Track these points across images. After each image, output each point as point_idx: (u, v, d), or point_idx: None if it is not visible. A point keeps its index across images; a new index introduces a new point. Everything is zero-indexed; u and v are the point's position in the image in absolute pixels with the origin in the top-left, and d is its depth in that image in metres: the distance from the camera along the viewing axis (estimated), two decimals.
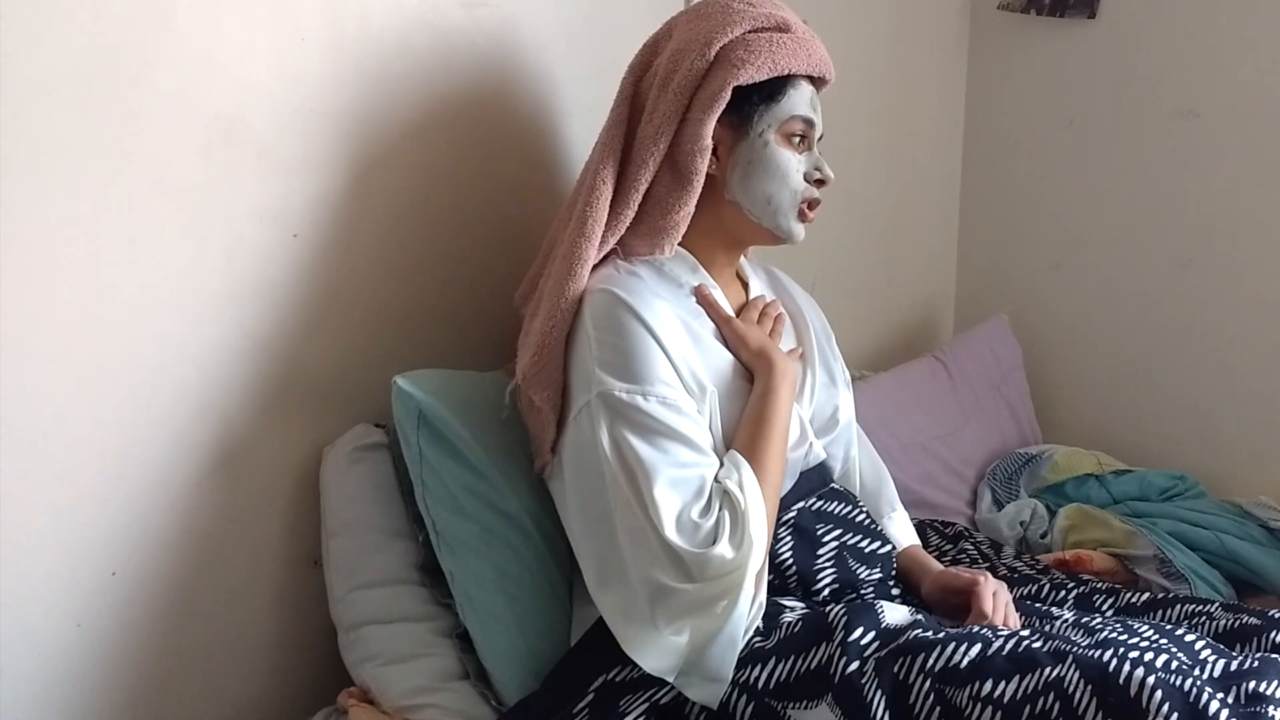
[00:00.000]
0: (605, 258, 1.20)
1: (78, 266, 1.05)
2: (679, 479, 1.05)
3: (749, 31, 1.17)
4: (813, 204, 1.23)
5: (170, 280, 1.11)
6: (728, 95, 1.15)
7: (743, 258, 1.35)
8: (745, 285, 1.32)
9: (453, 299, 1.37)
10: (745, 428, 1.13)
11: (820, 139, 1.25)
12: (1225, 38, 1.89)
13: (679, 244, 1.23)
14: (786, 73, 1.18)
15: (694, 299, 1.21)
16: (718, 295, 1.23)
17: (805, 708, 0.97)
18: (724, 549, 1.01)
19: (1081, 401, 2.13)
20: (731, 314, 1.22)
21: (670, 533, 1.02)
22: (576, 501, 1.11)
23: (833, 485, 1.25)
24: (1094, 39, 2.03)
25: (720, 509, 1.05)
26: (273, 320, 1.20)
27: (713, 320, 1.21)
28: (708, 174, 1.18)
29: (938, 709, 0.94)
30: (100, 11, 1.03)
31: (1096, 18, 2.01)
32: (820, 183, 1.22)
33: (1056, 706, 0.90)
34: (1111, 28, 2.01)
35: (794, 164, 1.20)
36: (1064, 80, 2.08)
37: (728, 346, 1.19)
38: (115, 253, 1.07)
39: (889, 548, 1.24)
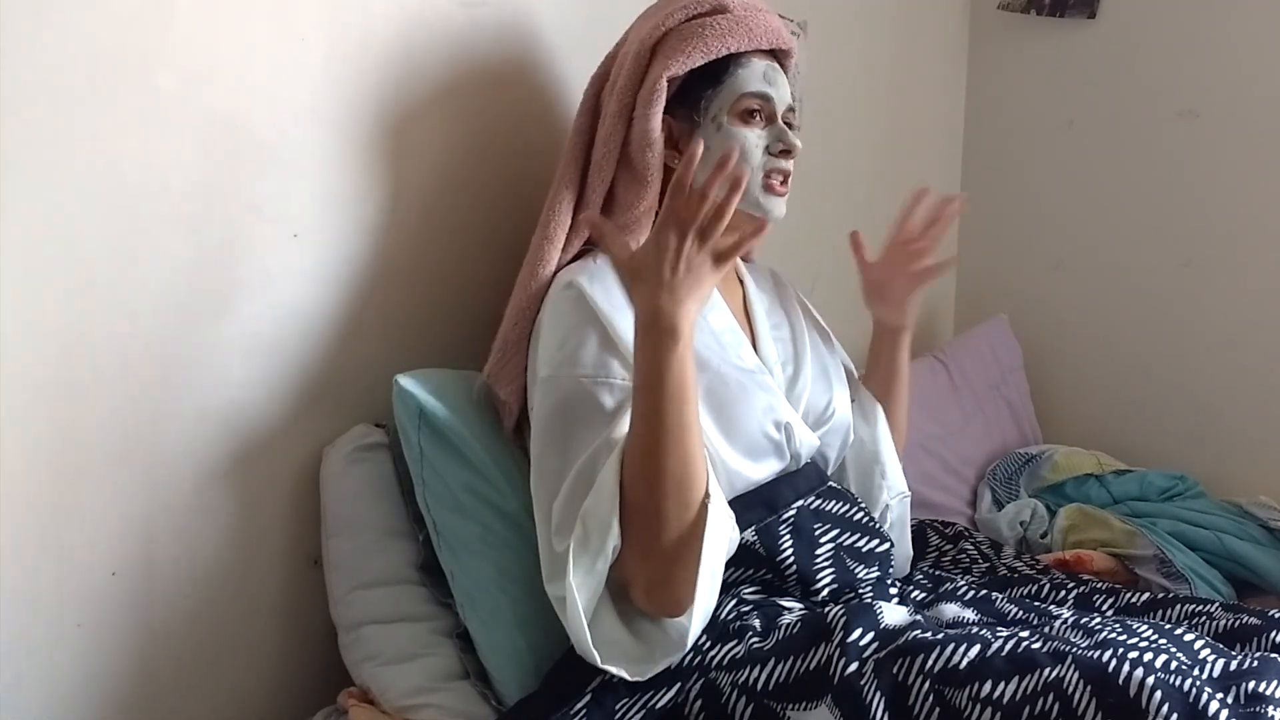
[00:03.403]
0: (583, 253, 1.23)
1: (78, 266, 1.05)
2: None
3: (683, 21, 1.18)
4: (783, 177, 1.21)
5: (170, 280, 1.11)
6: (664, 87, 1.16)
7: (739, 259, 1.35)
8: (742, 283, 1.33)
9: (453, 299, 1.37)
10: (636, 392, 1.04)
11: (791, 110, 1.23)
12: (1225, 38, 1.89)
13: None
14: (724, 53, 1.18)
15: None
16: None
17: (805, 709, 0.97)
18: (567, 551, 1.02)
19: (1081, 401, 2.13)
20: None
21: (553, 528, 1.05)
22: None
23: (830, 484, 1.25)
24: (1094, 39, 2.03)
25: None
26: (273, 320, 1.20)
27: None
28: (674, 168, 1.19)
29: (937, 710, 0.94)
30: (100, 11, 1.03)
31: (1096, 18, 2.02)
32: (786, 153, 1.21)
33: (1056, 707, 0.90)
34: (1111, 28, 2.01)
35: (752, 140, 1.19)
36: (1064, 80, 2.08)
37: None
38: (115, 252, 1.07)
39: (886, 546, 1.24)
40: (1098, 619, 1.13)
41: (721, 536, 1.04)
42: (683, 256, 1.00)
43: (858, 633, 1.00)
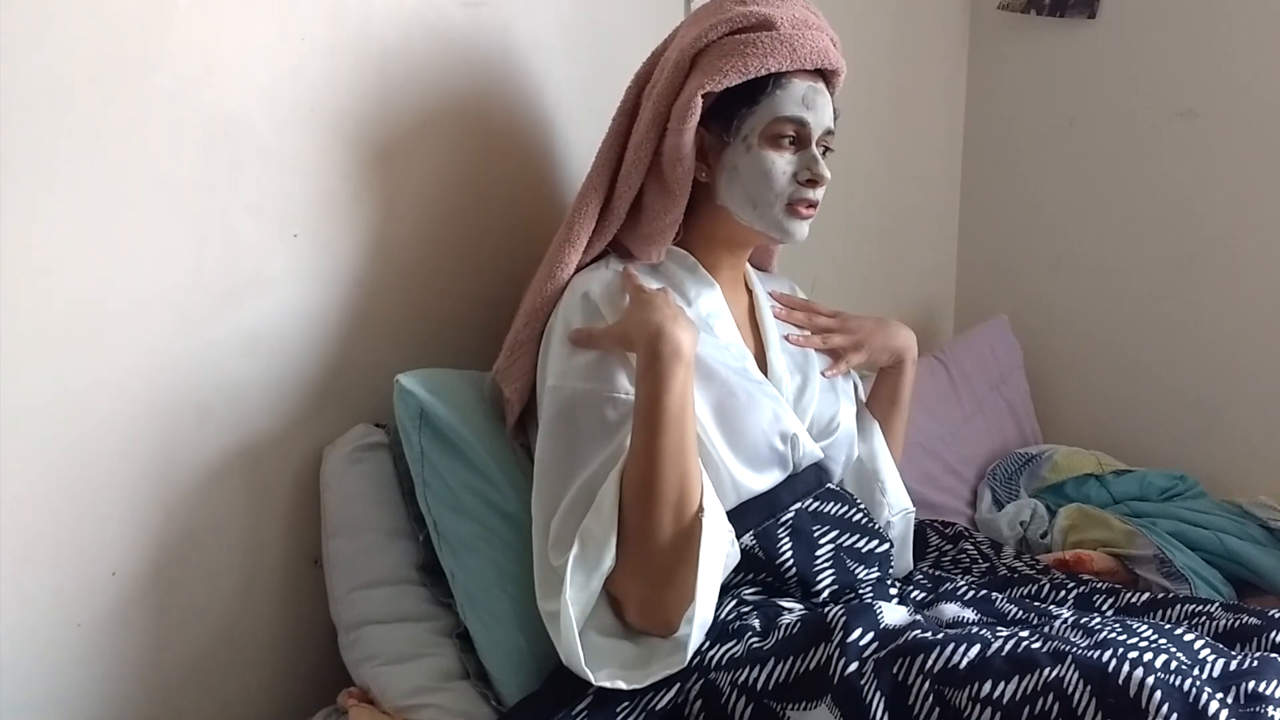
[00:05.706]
0: (600, 258, 1.23)
1: (78, 266, 1.05)
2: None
3: (726, 34, 1.15)
4: (808, 203, 1.19)
5: (170, 280, 1.11)
6: (698, 103, 1.14)
7: (750, 267, 1.35)
8: (751, 292, 1.33)
9: (452, 299, 1.37)
10: (636, 418, 1.06)
11: (830, 133, 1.21)
12: (1225, 38, 1.89)
13: (681, 247, 1.25)
14: (763, 73, 1.15)
15: (689, 299, 1.22)
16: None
17: (804, 709, 0.97)
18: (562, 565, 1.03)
19: (1081, 401, 2.13)
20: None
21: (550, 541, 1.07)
22: None
23: (829, 486, 1.25)
24: (1094, 39, 2.03)
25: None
26: (272, 320, 1.20)
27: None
28: (701, 181, 1.19)
29: (937, 710, 0.94)
30: (100, 12, 1.03)
31: (1096, 18, 2.02)
32: (812, 182, 1.19)
33: (1056, 707, 0.90)
34: (1111, 28, 2.01)
35: (780, 166, 1.17)
36: (1064, 80, 2.08)
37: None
38: (115, 253, 1.07)
39: (886, 546, 1.24)
40: (1098, 619, 1.13)
41: (718, 552, 1.04)
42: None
43: (857, 633, 1.00)
